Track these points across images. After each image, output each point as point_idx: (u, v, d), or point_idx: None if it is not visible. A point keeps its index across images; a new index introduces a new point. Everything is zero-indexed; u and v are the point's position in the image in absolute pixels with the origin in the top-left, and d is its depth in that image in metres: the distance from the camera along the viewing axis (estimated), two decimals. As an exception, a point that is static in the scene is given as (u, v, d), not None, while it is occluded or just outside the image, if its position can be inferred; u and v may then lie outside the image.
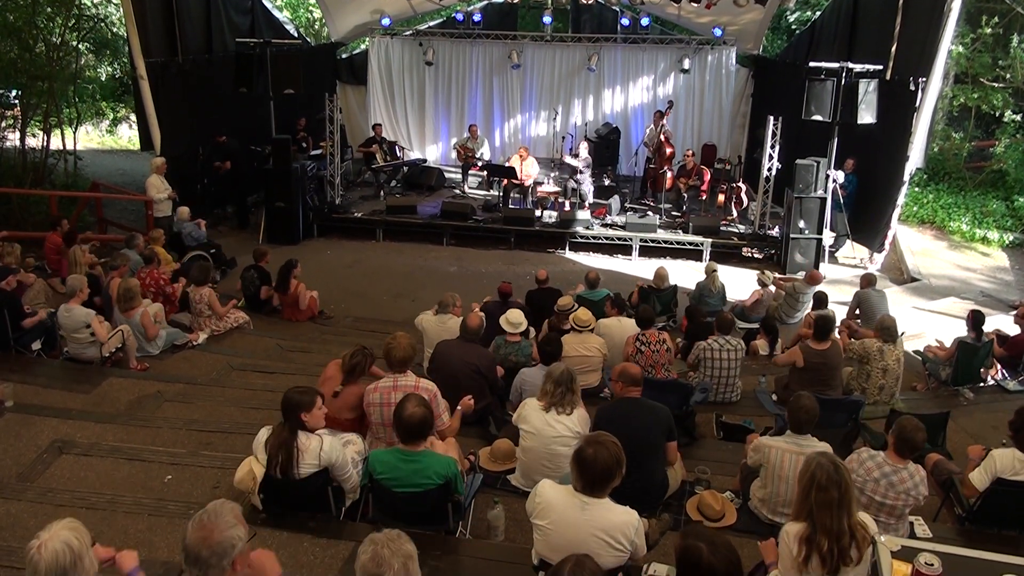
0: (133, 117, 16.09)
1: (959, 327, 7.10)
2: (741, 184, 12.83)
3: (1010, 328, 7.65)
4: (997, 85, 14.18)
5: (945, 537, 3.93)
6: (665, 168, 12.78)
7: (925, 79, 9.81)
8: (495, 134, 15.86)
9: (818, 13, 14.95)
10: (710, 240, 11.47)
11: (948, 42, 9.91)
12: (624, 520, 3.00)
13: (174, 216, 10.20)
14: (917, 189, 14.06)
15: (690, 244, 11.53)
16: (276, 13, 15.58)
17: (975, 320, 6.84)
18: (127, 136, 18.45)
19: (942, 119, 14.72)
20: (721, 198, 12.83)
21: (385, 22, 15.07)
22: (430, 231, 12.01)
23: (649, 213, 12.27)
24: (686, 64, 14.50)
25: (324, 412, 3.82)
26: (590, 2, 14.47)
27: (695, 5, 12.64)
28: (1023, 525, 4.16)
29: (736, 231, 11.98)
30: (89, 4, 15.32)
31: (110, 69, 17.46)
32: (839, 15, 12.59)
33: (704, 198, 13.08)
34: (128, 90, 16.48)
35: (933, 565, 2.89)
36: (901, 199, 10.77)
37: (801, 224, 10.69)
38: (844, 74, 9.91)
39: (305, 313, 8.56)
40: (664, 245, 11.58)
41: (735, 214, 12.55)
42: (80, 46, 14.39)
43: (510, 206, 12.60)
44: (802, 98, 10.24)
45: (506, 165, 13.15)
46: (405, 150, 15.17)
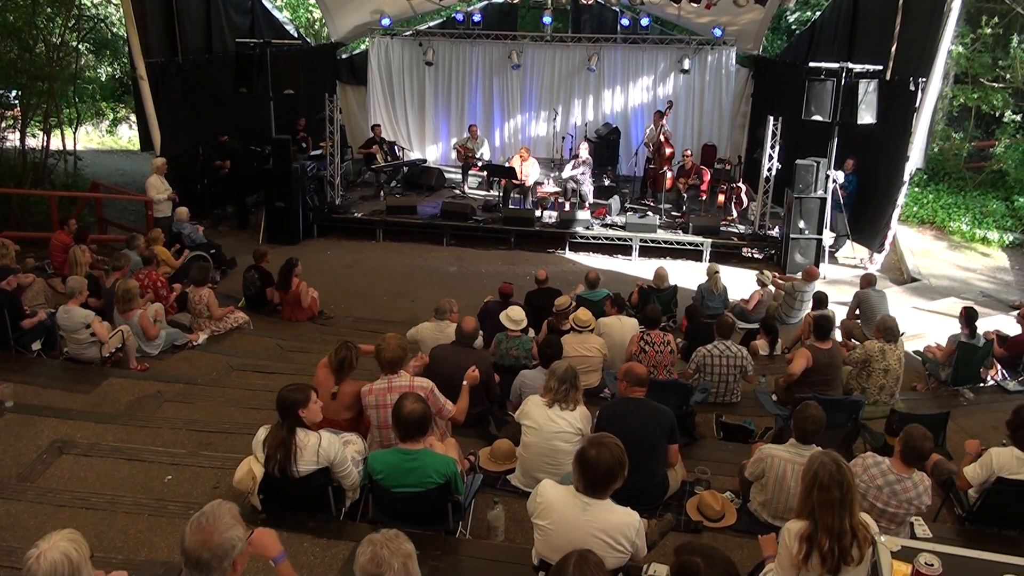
0: (133, 117, 16.09)
1: (958, 327, 7.10)
2: (741, 184, 12.82)
3: (1011, 328, 7.66)
4: (997, 85, 14.18)
5: (945, 537, 3.92)
6: (665, 168, 12.78)
7: (925, 79, 9.82)
8: (495, 134, 15.86)
9: (818, 13, 14.95)
10: (710, 240, 11.47)
11: (948, 42, 9.91)
12: (625, 521, 3.01)
13: (174, 217, 10.21)
14: (917, 189, 14.06)
15: (690, 244, 11.53)
16: (276, 13, 15.58)
17: (968, 317, 6.86)
18: (127, 136, 18.45)
19: (942, 119, 14.72)
20: (721, 198, 12.82)
21: (385, 22, 15.08)
22: (430, 231, 12.01)
23: (649, 213, 12.27)
24: (686, 64, 14.50)
25: (320, 405, 3.82)
26: (590, 2, 14.46)
27: (695, 5, 12.63)
28: (1023, 525, 4.16)
29: (736, 231, 11.98)
30: (89, 4, 15.32)
31: (110, 69, 17.46)
32: (839, 15, 12.59)
33: (704, 198, 13.07)
34: (128, 90, 16.48)
35: (933, 565, 2.89)
36: (901, 199, 10.77)
37: (801, 224, 10.69)
38: (844, 74, 9.92)
39: (305, 313, 8.56)
40: (664, 245, 11.58)
41: (735, 214, 12.55)
42: (80, 46, 14.39)
43: (510, 206, 12.61)
44: (802, 98, 10.24)
45: (506, 165, 13.15)
46: (405, 150, 15.17)
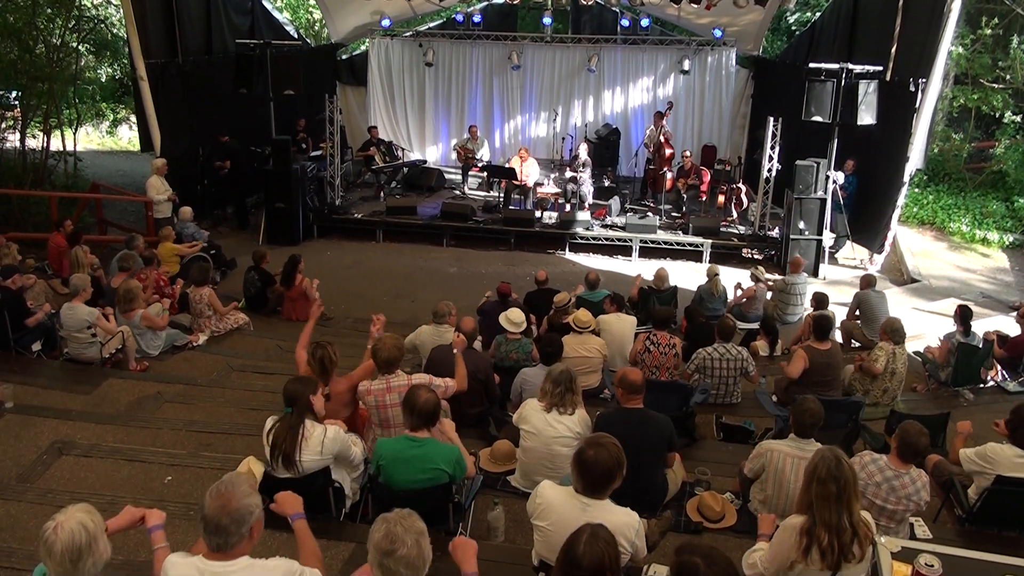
0: (133, 118, 16.09)
1: (953, 326, 7.11)
2: (741, 185, 12.81)
3: (1011, 329, 7.65)
4: (997, 86, 14.18)
5: (945, 538, 3.92)
6: (665, 169, 12.78)
7: (925, 80, 9.82)
8: (495, 135, 15.86)
9: (818, 14, 14.96)
10: (710, 241, 11.47)
11: (948, 43, 9.92)
12: (624, 521, 3.00)
13: (174, 217, 10.22)
14: (917, 190, 14.07)
15: (690, 245, 11.53)
16: (276, 14, 15.59)
17: (962, 315, 6.87)
18: (127, 137, 18.46)
19: (942, 120, 14.72)
20: (721, 199, 12.82)
21: (385, 23, 15.08)
22: (430, 232, 12.01)
23: (649, 214, 12.26)
24: (686, 65, 14.50)
25: (323, 393, 3.96)
26: (590, 3, 14.46)
27: (695, 6, 12.64)
28: (1023, 526, 4.16)
29: (736, 232, 11.98)
30: (89, 5, 15.34)
31: (110, 70, 17.48)
32: (839, 16, 12.59)
33: (704, 199, 13.07)
34: (128, 91, 16.49)
35: (933, 566, 2.90)
36: (901, 200, 10.78)
37: (801, 225, 10.69)
38: (844, 75, 9.92)
39: (306, 313, 8.53)
40: (664, 246, 11.57)
41: (735, 215, 12.54)
42: (80, 47, 14.40)
43: (510, 207, 12.61)
44: (802, 99, 10.25)
45: (506, 166, 13.15)
46: (405, 151, 15.16)
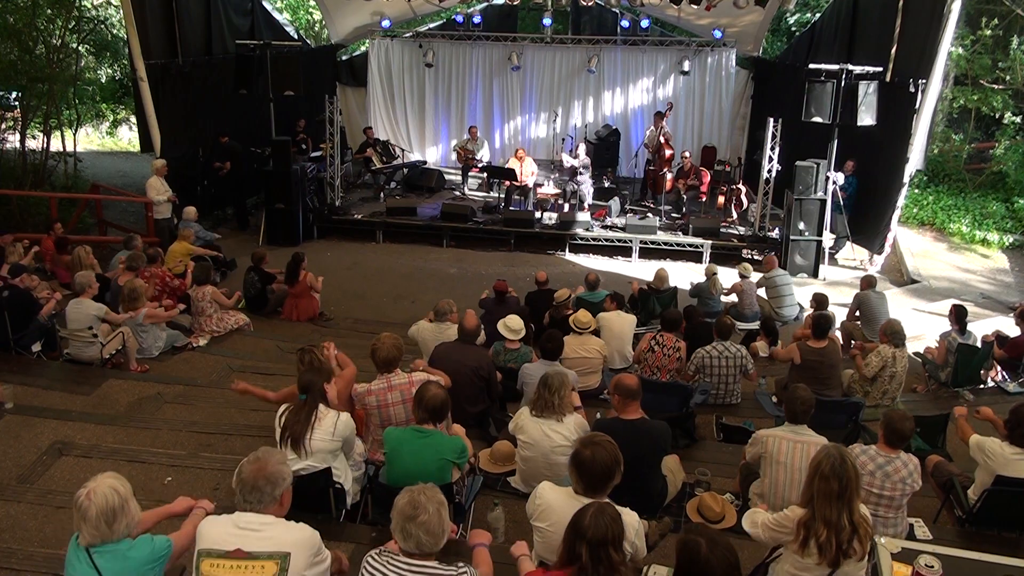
0: (133, 119, 16.10)
1: (949, 326, 7.12)
2: (741, 186, 12.81)
3: (1011, 330, 7.66)
4: (997, 87, 14.18)
5: (945, 539, 3.93)
6: (665, 170, 12.78)
7: (925, 81, 9.83)
8: (495, 136, 15.86)
9: (818, 15, 14.97)
10: (710, 242, 11.47)
11: (948, 44, 9.92)
12: (625, 521, 2.99)
13: (174, 218, 10.21)
14: (917, 191, 14.08)
15: (690, 246, 11.53)
16: (276, 15, 15.59)
17: (958, 314, 6.88)
18: (127, 138, 18.46)
19: (942, 121, 14.74)
20: (721, 200, 12.81)
21: (385, 24, 15.08)
22: (430, 233, 12.01)
23: (649, 215, 12.27)
24: (686, 66, 14.51)
25: (335, 388, 4.11)
26: (590, 4, 14.46)
27: (695, 7, 12.63)
28: (1023, 527, 4.16)
29: (736, 233, 11.98)
30: (89, 6, 15.34)
31: (110, 71, 17.50)
32: (839, 17, 12.60)
33: (704, 200, 13.07)
34: (128, 92, 16.50)
35: (933, 567, 2.90)
36: (901, 201, 10.78)
37: (801, 226, 10.70)
38: (844, 76, 9.93)
39: (307, 313, 8.57)
40: (664, 247, 11.57)
41: (735, 216, 12.54)
42: (80, 48, 14.41)
43: (510, 208, 12.61)
44: (802, 100, 10.26)
45: (506, 167, 13.15)
46: (404, 151, 15.15)
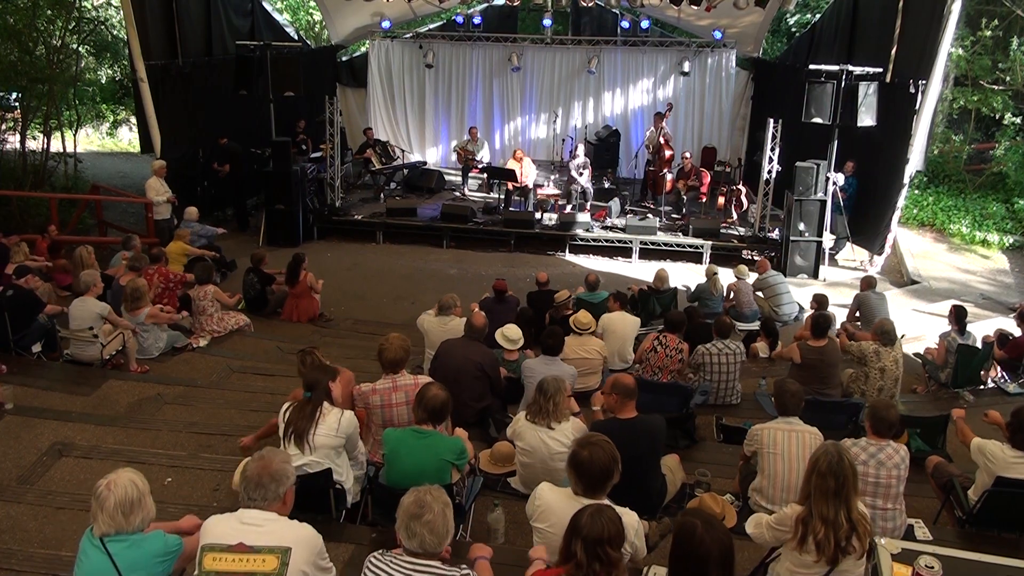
0: (133, 120, 16.10)
1: (948, 326, 7.12)
2: (741, 187, 12.81)
3: (1012, 330, 7.66)
4: (997, 88, 14.18)
5: (945, 540, 3.93)
6: (665, 171, 12.78)
7: (925, 81, 9.83)
8: (495, 136, 15.86)
9: (818, 16, 14.97)
10: (710, 242, 11.47)
11: (948, 44, 9.92)
12: (624, 521, 2.98)
13: (174, 219, 10.21)
14: (917, 191, 14.07)
15: (690, 246, 11.53)
16: (276, 15, 15.61)
17: (957, 315, 6.88)
18: (127, 139, 18.47)
19: (942, 121, 14.73)
20: (721, 200, 12.81)
21: (385, 25, 15.09)
22: (430, 233, 12.01)
23: (649, 215, 12.28)
24: (686, 67, 14.51)
25: (340, 387, 4.09)
26: (590, 5, 14.46)
27: (695, 8, 12.63)
28: (1023, 528, 4.16)
29: (736, 234, 11.97)
30: (89, 7, 15.35)
31: (110, 72, 17.50)
32: (839, 18, 12.60)
33: (704, 201, 13.07)
34: (128, 93, 16.49)
35: (933, 568, 2.89)
36: (901, 201, 10.78)
37: (801, 227, 10.70)
38: (844, 77, 9.93)
39: (307, 314, 8.57)
40: (664, 248, 11.57)
41: (735, 216, 12.54)
42: (80, 49, 14.41)
43: (510, 209, 12.61)
44: (802, 101, 10.26)
45: (506, 168, 13.15)
46: (404, 152, 15.17)
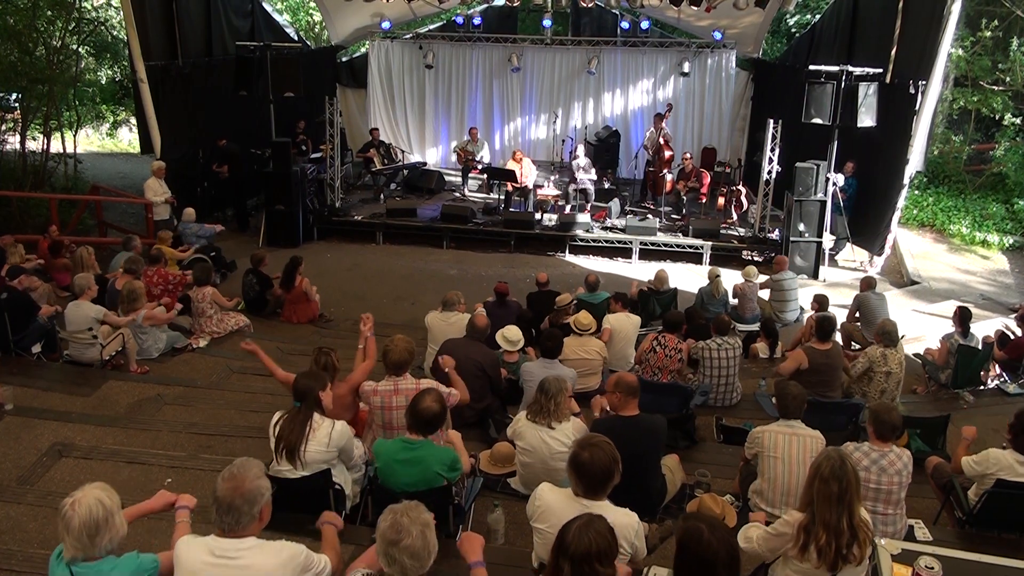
0: (133, 120, 16.11)
1: (952, 327, 7.11)
2: (741, 187, 12.80)
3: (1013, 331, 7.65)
4: (997, 88, 14.18)
5: (945, 540, 3.93)
6: (665, 171, 12.78)
7: (925, 82, 9.83)
8: (495, 137, 15.86)
9: (818, 16, 14.98)
10: (710, 243, 11.47)
11: (948, 45, 9.92)
12: (624, 522, 3.00)
13: (173, 219, 10.21)
14: (917, 192, 14.07)
15: (690, 247, 11.53)
16: (276, 16, 15.61)
17: (961, 317, 6.87)
18: (127, 139, 18.48)
19: (942, 122, 14.73)
20: (721, 201, 12.81)
21: (385, 25, 15.09)
22: (430, 234, 12.01)
23: (649, 216, 12.28)
24: (686, 67, 14.52)
25: (330, 396, 3.98)
26: (590, 5, 14.47)
27: (695, 8, 12.63)
28: (1023, 528, 4.15)
29: (736, 234, 11.98)
30: (89, 7, 15.35)
31: (110, 72, 17.51)
32: (839, 18, 12.60)
33: (704, 201, 13.07)
34: (128, 93, 16.51)
35: (933, 568, 2.90)
36: (901, 202, 10.78)
37: (801, 227, 10.70)
38: (844, 77, 9.94)
39: (308, 312, 8.57)
40: (664, 248, 11.57)
41: (735, 217, 12.54)
42: (80, 49, 14.42)
43: (510, 209, 12.61)
44: (802, 101, 10.26)
45: (506, 168, 13.16)
46: (405, 153, 15.18)
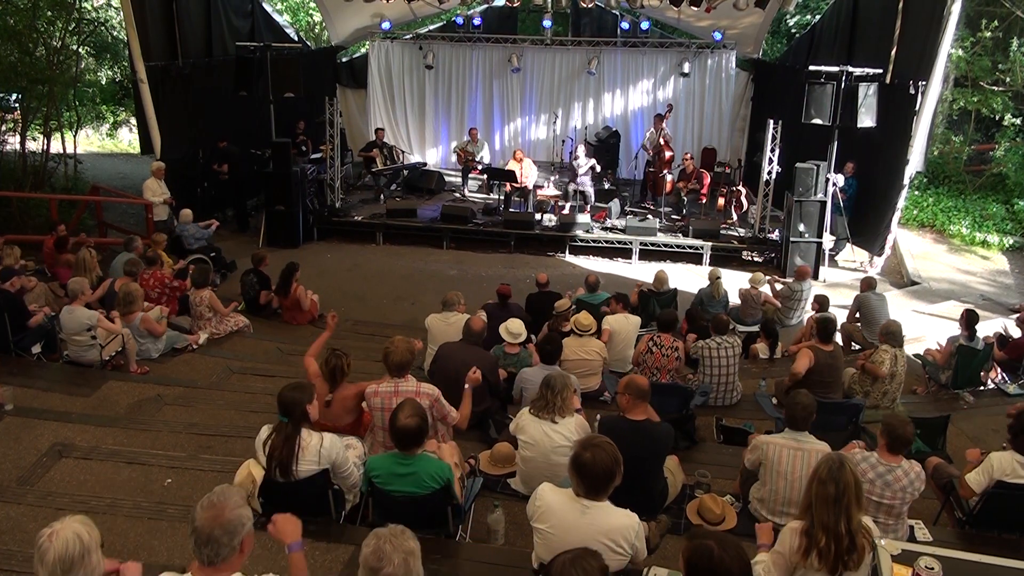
0: (133, 121, 16.12)
1: (958, 329, 7.11)
2: (741, 188, 12.80)
3: (1012, 331, 7.66)
4: (997, 88, 14.19)
5: (945, 541, 3.93)
6: (665, 172, 12.78)
7: (925, 82, 9.83)
8: (495, 138, 15.86)
9: (818, 17, 14.98)
10: (710, 244, 11.47)
11: (948, 45, 9.92)
12: (624, 523, 3.00)
13: (172, 220, 10.21)
14: (917, 192, 14.08)
15: (690, 248, 11.53)
16: (276, 17, 15.61)
17: (968, 320, 6.87)
18: (127, 140, 18.48)
19: (942, 122, 14.73)
20: (721, 202, 12.81)
21: (385, 26, 15.10)
22: (430, 234, 12.00)
23: (649, 216, 12.28)
24: (686, 68, 14.51)
25: (317, 407, 3.84)
26: (590, 6, 14.47)
27: (695, 8, 12.64)
28: (1023, 528, 4.15)
29: (736, 235, 11.97)
30: (89, 8, 15.35)
31: (110, 73, 17.52)
32: (839, 19, 12.60)
33: (704, 202, 13.07)
34: (128, 94, 16.52)
35: (933, 569, 2.89)
36: (901, 202, 10.78)
37: (801, 228, 10.69)
38: (844, 78, 9.94)
39: (305, 316, 8.56)
40: (664, 249, 11.57)
41: (735, 218, 12.54)
42: (80, 50, 14.41)
43: (510, 210, 12.61)
44: (802, 102, 10.26)
45: (506, 169, 13.15)
46: (405, 154, 15.18)
